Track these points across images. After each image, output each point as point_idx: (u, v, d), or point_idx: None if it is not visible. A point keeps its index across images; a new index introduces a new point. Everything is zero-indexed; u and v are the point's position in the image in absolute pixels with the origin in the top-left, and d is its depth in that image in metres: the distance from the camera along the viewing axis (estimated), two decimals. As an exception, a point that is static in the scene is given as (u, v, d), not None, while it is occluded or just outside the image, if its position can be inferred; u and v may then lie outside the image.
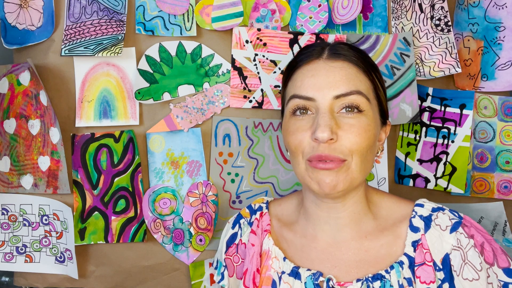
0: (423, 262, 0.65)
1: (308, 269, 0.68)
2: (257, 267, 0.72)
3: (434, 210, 0.68)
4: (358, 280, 0.65)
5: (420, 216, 0.68)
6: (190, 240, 0.95)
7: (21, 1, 0.94)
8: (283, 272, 0.70)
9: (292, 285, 0.68)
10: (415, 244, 0.66)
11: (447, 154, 0.99)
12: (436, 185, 1.00)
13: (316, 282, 0.66)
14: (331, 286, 0.65)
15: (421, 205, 0.70)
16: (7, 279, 1.10)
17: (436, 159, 1.00)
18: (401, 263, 0.65)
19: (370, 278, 0.64)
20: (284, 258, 0.71)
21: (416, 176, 1.00)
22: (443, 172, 0.99)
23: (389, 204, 0.72)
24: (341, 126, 0.64)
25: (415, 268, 0.65)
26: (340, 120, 0.64)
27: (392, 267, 0.65)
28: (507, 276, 0.63)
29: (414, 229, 0.67)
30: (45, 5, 0.93)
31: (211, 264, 0.97)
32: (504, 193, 1.01)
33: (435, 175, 1.00)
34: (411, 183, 1.01)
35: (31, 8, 0.94)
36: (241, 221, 0.79)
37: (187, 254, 0.96)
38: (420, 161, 1.00)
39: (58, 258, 0.97)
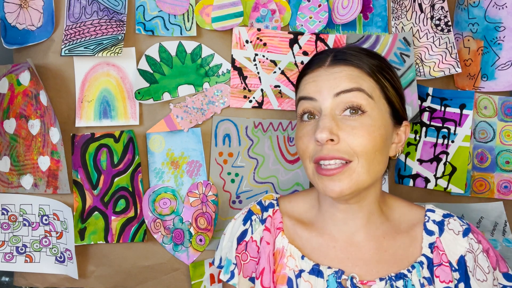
0: (440, 263, 0.68)
1: (329, 267, 0.68)
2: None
3: (445, 216, 0.72)
4: (381, 279, 0.66)
5: (433, 221, 0.71)
6: (190, 240, 0.95)
7: (21, 1, 0.94)
8: (301, 271, 0.69)
9: (313, 284, 0.67)
10: (431, 246, 0.69)
11: (447, 154, 0.99)
12: (436, 185, 1.00)
13: (339, 281, 0.66)
14: (354, 284, 0.66)
15: (432, 211, 0.73)
16: (7, 279, 1.10)
17: (436, 159, 1.00)
18: (421, 263, 0.67)
19: (393, 277, 0.66)
20: (303, 257, 0.70)
21: (416, 176, 1.00)
22: (443, 172, 0.99)
23: (401, 208, 0.74)
24: (343, 128, 0.64)
25: (434, 268, 0.67)
26: (343, 123, 0.64)
27: (413, 267, 0.67)
28: (506, 280, 0.69)
29: (429, 232, 0.70)
30: (45, 5, 0.93)
31: (211, 264, 0.97)
32: (504, 193, 1.01)
33: (435, 175, 1.00)
34: (411, 183, 1.01)
35: (31, 8, 0.94)
36: (253, 217, 0.76)
37: (187, 254, 0.96)
38: (420, 161, 1.00)
39: (58, 258, 0.97)
